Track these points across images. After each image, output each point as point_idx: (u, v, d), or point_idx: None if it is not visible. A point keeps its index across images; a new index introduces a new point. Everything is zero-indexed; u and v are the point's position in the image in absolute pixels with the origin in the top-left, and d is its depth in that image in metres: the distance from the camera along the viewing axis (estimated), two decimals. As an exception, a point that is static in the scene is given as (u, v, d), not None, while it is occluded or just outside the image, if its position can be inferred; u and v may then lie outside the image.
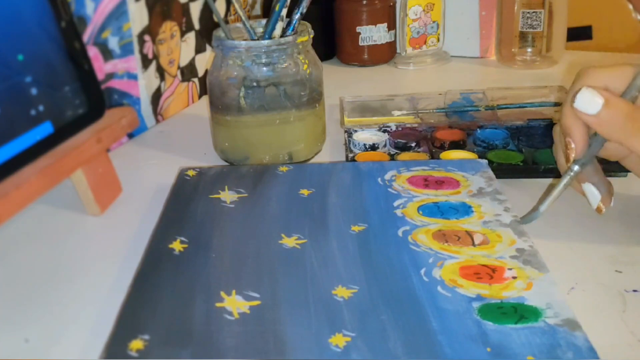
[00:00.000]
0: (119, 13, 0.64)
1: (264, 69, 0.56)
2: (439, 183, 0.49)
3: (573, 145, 0.44)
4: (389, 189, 0.49)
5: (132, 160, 0.62)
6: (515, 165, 0.55)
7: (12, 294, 0.43)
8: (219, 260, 0.41)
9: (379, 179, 0.50)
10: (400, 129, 0.63)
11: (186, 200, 0.48)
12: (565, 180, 0.45)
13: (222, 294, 0.37)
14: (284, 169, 0.52)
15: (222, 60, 0.57)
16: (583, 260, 0.43)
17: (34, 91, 0.45)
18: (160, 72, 0.71)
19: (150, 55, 0.69)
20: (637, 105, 0.42)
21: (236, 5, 0.58)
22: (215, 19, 0.58)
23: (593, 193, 0.45)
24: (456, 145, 0.59)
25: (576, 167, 0.45)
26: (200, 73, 0.79)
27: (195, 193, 0.49)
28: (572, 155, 0.44)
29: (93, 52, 0.61)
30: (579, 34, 0.90)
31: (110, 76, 0.64)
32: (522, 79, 0.81)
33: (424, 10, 0.87)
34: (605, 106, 0.42)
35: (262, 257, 0.41)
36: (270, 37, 0.58)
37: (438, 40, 0.89)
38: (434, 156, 0.58)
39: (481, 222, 0.44)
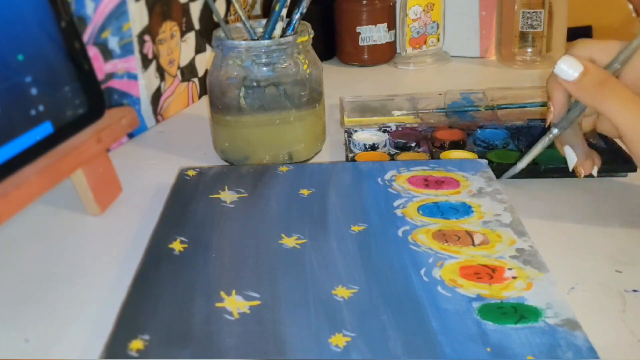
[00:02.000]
0: (119, 13, 0.64)
1: (264, 69, 0.56)
2: (439, 183, 0.49)
3: (552, 109, 0.48)
4: (389, 189, 0.49)
5: (132, 160, 0.62)
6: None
7: (12, 294, 0.43)
8: (219, 260, 0.41)
9: (379, 179, 0.50)
10: (400, 129, 0.63)
11: (186, 200, 0.48)
12: (543, 141, 0.49)
13: (222, 294, 0.37)
14: (284, 169, 0.52)
15: (222, 60, 0.57)
16: (583, 260, 0.43)
17: (34, 91, 0.46)
18: (160, 72, 0.71)
19: (150, 55, 0.69)
20: (612, 74, 0.45)
21: (236, 5, 0.58)
22: (215, 19, 0.58)
23: (569, 155, 0.49)
24: (456, 145, 0.59)
25: (555, 130, 0.48)
26: (200, 73, 0.79)
27: (195, 193, 0.49)
28: (550, 118, 0.48)
29: (93, 52, 0.61)
30: (579, 34, 0.90)
31: (110, 76, 0.64)
32: (522, 79, 0.81)
33: (424, 10, 0.87)
34: (582, 73, 0.45)
35: (262, 257, 0.41)
36: (270, 37, 0.58)
37: (438, 40, 0.89)
38: (434, 156, 0.58)
39: (481, 222, 0.44)
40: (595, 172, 0.49)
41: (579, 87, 0.45)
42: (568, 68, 0.46)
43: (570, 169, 0.49)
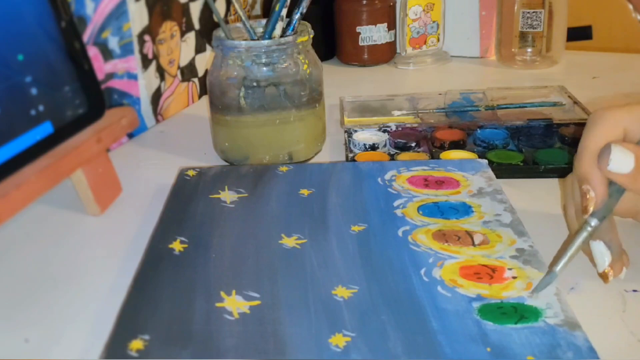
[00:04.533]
0: (119, 13, 0.64)
1: (264, 69, 0.56)
2: (439, 183, 0.49)
3: (592, 194, 0.39)
4: (389, 189, 0.49)
5: (132, 160, 0.62)
6: (515, 165, 0.55)
7: (12, 294, 0.43)
8: (219, 260, 0.41)
9: (379, 179, 0.50)
10: (400, 129, 0.63)
11: (186, 200, 0.48)
12: (582, 236, 0.39)
13: (222, 294, 0.37)
14: (284, 169, 0.52)
15: (222, 60, 0.57)
16: (583, 260, 0.43)
17: (34, 91, 0.45)
18: (160, 72, 0.71)
19: (150, 55, 0.69)
20: None
21: (236, 5, 0.58)
22: (215, 19, 0.58)
23: (602, 253, 0.40)
24: (456, 145, 0.59)
25: (594, 221, 0.39)
26: (200, 73, 0.79)
27: (195, 193, 0.49)
28: (591, 206, 0.39)
29: (93, 52, 0.61)
30: (579, 34, 0.90)
31: (110, 76, 0.64)
32: (522, 79, 0.81)
33: (424, 10, 0.87)
34: (637, 161, 0.38)
35: (262, 257, 0.41)
36: (270, 37, 0.58)
37: (438, 40, 0.89)
38: (434, 156, 0.58)
39: (481, 222, 0.44)
40: (623, 275, 0.40)
41: (636, 178, 0.38)
42: (622, 160, 0.38)
43: (600, 271, 0.40)
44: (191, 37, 0.76)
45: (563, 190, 0.46)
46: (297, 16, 0.57)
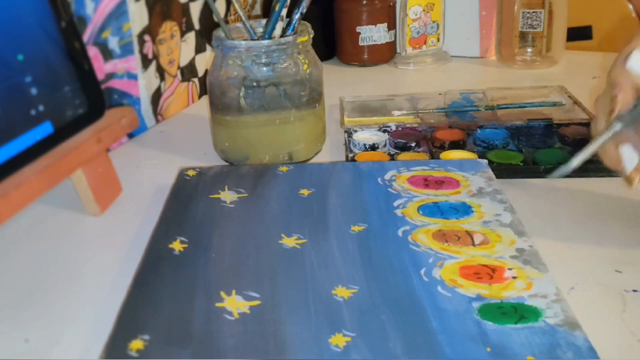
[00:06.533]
0: (119, 13, 0.64)
1: (264, 69, 0.56)
2: (439, 183, 0.49)
3: (620, 97, 0.41)
4: (389, 189, 0.49)
5: (132, 160, 0.62)
6: (515, 165, 0.55)
7: (12, 294, 0.43)
8: (219, 260, 0.41)
9: (379, 179, 0.50)
10: (400, 129, 0.63)
11: (186, 200, 0.48)
12: (604, 135, 0.41)
13: (222, 294, 0.37)
14: (284, 169, 0.52)
15: (222, 60, 0.57)
16: (583, 260, 0.43)
17: (34, 91, 0.46)
18: (160, 72, 0.71)
19: (150, 55, 0.69)
20: None
21: (236, 5, 0.58)
22: (215, 19, 0.58)
23: (630, 155, 0.41)
24: (456, 145, 0.59)
25: (618, 125, 0.41)
26: (200, 73, 0.79)
27: (195, 193, 0.49)
28: (618, 108, 0.41)
29: (93, 52, 0.61)
30: (579, 34, 0.90)
31: (110, 76, 0.64)
32: (522, 79, 0.81)
33: (424, 10, 0.87)
34: None
35: (262, 257, 0.41)
36: (270, 37, 0.58)
37: (438, 40, 0.89)
38: (434, 156, 0.58)
39: (481, 222, 0.44)
40: None
41: None
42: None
43: (628, 173, 0.41)
44: (191, 37, 0.76)
45: (594, 109, 0.46)
46: (297, 16, 0.57)
